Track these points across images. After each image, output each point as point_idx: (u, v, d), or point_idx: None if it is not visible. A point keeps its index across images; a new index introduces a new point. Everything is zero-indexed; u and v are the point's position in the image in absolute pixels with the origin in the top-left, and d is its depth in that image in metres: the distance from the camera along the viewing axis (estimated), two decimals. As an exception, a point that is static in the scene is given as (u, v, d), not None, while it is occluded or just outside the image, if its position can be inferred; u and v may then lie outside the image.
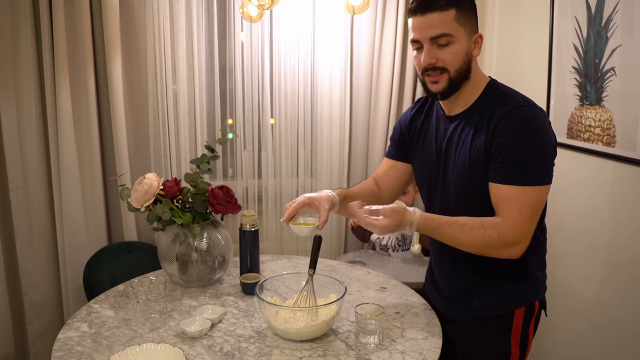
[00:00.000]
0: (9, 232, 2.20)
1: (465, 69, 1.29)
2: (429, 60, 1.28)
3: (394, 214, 1.27)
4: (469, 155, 1.30)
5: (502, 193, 1.25)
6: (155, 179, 1.59)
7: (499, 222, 1.25)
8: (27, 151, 2.16)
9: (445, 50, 1.27)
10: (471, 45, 1.29)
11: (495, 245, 1.25)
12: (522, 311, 1.37)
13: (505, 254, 1.27)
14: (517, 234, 1.25)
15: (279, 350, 1.30)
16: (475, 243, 1.26)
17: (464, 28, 1.26)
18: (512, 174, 1.24)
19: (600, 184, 1.76)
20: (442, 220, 1.29)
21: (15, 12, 2.06)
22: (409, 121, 1.52)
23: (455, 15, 1.24)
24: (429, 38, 1.27)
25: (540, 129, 1.24)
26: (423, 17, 1.26)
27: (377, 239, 2.42)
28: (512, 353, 1.38)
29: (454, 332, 1.44)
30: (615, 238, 1.70)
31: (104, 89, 2.23)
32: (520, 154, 1.23)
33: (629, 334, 1.65)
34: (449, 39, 1.25)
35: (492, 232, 1.25)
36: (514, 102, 1.27)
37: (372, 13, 2.39)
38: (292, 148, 2.50)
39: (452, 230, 1.28)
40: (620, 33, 1.62)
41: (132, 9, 2.21)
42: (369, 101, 2.50)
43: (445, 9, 1.24)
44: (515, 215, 1.24)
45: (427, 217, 1.30)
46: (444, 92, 1.32)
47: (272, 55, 2.40)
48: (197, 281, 1.67)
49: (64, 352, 1.29)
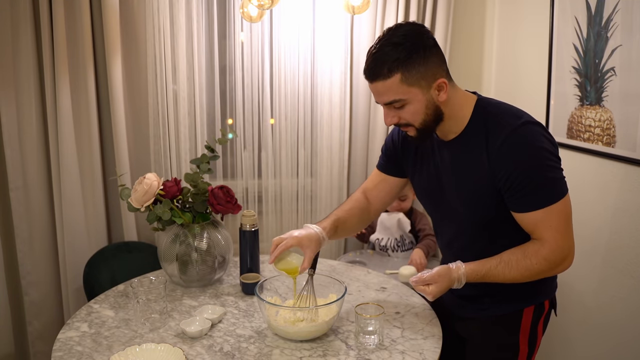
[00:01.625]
0: (9, 232, 2.20)
1: (431, 119, 1.27)
2: (390, 121, 1.29)
3: (441, 278, 1.29)
4: (474, 183, 1.30)
5: (532, 219, 1.26)
6: (155, 179, 1.59)
7: (540, 247, 1.26)
8: (27, 151, 2.15)
9: (403, 111, 1.26)
10: (432, 96, 1.25)
11: (546, 269, 1.27)
12: (532, 310, 1.37)
13: (558, 272, 1.30)
14: (562, 251, 1.26)
15: (279, 350, 1.30)
16: (527, 275, 1.27)
17: (417, 85, 1.22)
18: (533, 200, 1.23)
19: (600, 184, 1.76)
20: (487, 265, 1.29)
21: (15, 12, 2.05)
22: (401, 140, 1.50)
23: (401, 79, 1.21)
24: (383, 103, 1.27)
25: (540, 146, 1.23)
26: (372, 84, 1.26)
27: (376, 240, 2.42)
28: (520, 350, 1.38)
29: (464, 330, 1.45)
30: (615, 238, 1.70)
31: (104, 89, 2.23)
32: (533, 179, 1.22)
33: (630, 334, 1.65)
34: (402, 102, 1.24)
35: (538, 259, 1.26)
36: (507, 125, 1.24)
37: (372, 13, 2.38)
38: (292, 148, 2.49)
39: (500, 271, 1.29)
40: (620, 33, 1.62)
41: (132, 9, 2.21)
42: (369, 101, 2.50)
43: (388, 76, 1.21)
44: (552, 234, 1.24)
45: (473, 268, 1.30)
46: (418, 139, 1.33)
47: (272, 55, 2.40)
48: (197, 281, 1.67)
49: (64, 352, 1.29)
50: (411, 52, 1.20)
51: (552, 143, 1.26)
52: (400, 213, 2.38)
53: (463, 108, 1.31)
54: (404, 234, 2.38)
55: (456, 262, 1.30)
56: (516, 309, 1.38)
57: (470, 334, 1.45)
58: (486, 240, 1.35)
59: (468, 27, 2.50)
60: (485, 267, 1.29)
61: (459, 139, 1.32)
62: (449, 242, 1.46)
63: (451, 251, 1.44)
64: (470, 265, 1.29)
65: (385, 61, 1.21)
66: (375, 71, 1.23)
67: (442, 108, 1.28)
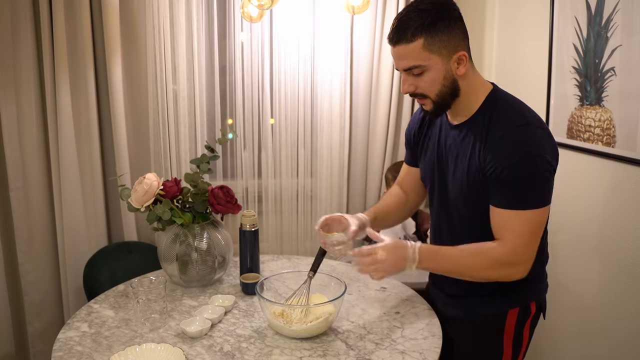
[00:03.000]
0: (9, 232, 2.20)
1: (447, 91, 1.27)
2: (407, 88, 1.29)
3: (392, 247, 1.30)
4: (467, 170, 1.30)
5: (500, 216, 1.26)
6: (155, 179, 1.59)
7: (495, 247, 1.26)
8: (27, 151, 2.15)
9: (421, 79, 1.26)
10: (451, 67, 1.25)
11: (496, 268, 1.27)
12: (516, 312, 1.37)
13: (505, 276, 1.28)
14: (516, 256, 1.25)
15: (279, 350, 1.30)
16: (478, 268, 1.28)
17: (438, 54, 1.23)
18: (508, 198, 1.23)
19: (600, 184, 1.76)
20: (444, 247, 1.32)
21: (15, 12, 2.05)
22: (418, 125, 1.51)
23: (424, 44, 1.21)
24: (402, 69, 1.28)
25: (538, 152, 1.22)
26: (394, 48, 1.26)
27: None
28: (504, 353, 1.38)
29: (451, 330, 1.45)
30: (615, 238, 1.70)
31: (104, 88, 2.23)
32: (516, 179, 1.21)
33: (630, 335, 1.65)
34: (421, 69, 1.24)
35: (488, 257, 1.26)
36: (512, 121, 1.24)
37: (372, 13, 2.39)
38: (292, 148, 2.49)
39: (452, 254, 1.30)
40: (620, 33, 1.62)
41: (132, 9, 2.21)
42: (369, 101, 2.50)
43: (412, 40, 1.21)
44: (513, 237, 1.24)
45: (427, 245, 1.33)
46: (434, 113, 1.33)
47: (272, 55, 2.40)
48: (197, 281, 1.67)
49: (64, 352, 1.29)
50: (436, 20, 1.21)
51: (552, 152, 1.25)
52: None
53: (478, 91, 1.31)
54: (408, 236, 2.37)
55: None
56: (500, 311, 1.37)
57: (456, 334, 1.45)
58: (477, 231, 1.33)
59: (468, 27, 2.49)
60: (440, 247, 1.32)
61: (464, 125, 1.33)
62: (440, 229, 1.46)
63: (442, 240, 1.45)
64: (425, 245, 1.32)
65: (410, 25, 1.21)
66: (399, 34, 1.23)
67: (459, 82, 1.28)
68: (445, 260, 1.31)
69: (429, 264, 1.32)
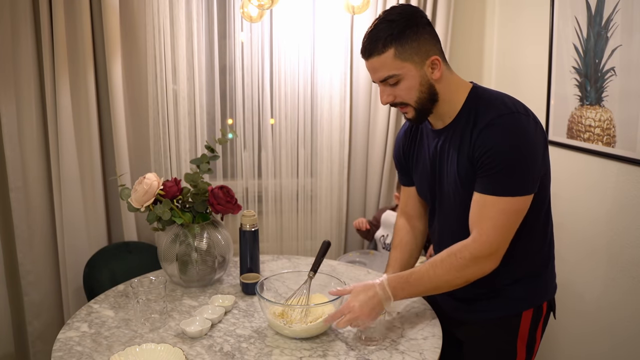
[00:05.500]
0: (9, 232, 2.20)
1: (426, 97, 1.28)
2: (386, 99, 1.31)
3: (356, 291, 1.30)
4: (458, 171, 1.30)
5: (478, 202, 1.25)
6: (155, 179, 1.59)
7: (468, 241, 1.25)
8: (27, 151, 2.15)
9: (398, 88, 1.28)
10: (426, 73, 1.26)
11: (470, 264, 1.25)
12: (530, 313, 1.36)
13: (481, 270, 1.26)
14: (490, 246, 1.24)
15: (279, 350, 1.30)
16: (452, 272, 1.26)
17: (411, 61, 1.24)
18: (489, 183, 1.23)
19: (600, 184, 1.76)
20: (412, 270, 1.31)
21: (15, 12, 2.05)
22: (402, 140, 1.53)
23: (395, 54, 1.23)
24: (378, 80, 1.29)
25: (523, 138, 1.21)
26: (368, 62, 1.29)
27: (381, 237, 2.40)
28: (518, 356, 1.37)
29: (461, 333, 1.44)
30: (616, 238, 1.70)
31: (104, 88, 2.23)
32: (500, 164, 1.21)
33: (633, 335, 1.65)
34: (396, 78, 1.26)
35: (464, 254, 1.25)
36: (496, 111, 1.24)
37: (372, 13, 2.38)
38: (292, 148, 2.49)
39: (424, 271, 1.28)
40: (620, 33, 1.62)
41: (132, 9, 2.21)
42: (369, 101, 2.50)
43: (383, 51, 1.24)
44: (487, 226, 1.23)
45: (395, 274, 1.32)
46: (416, 119, 1.34)
47: (272, 55, 2.40)
48: (197, 281, 1.67)
49: (64, 352, 1.29)
50: (405, 28, 1.23)
51: (537, 137, 1.24)
52: None
53: (458, 92, 1.31)
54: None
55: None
56: (514, 312, 1.36)
57: (467, 338, 1.43)
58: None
59: (468, 28, 2.51)
60: (410, 271, 1.31)
61: (448, 128, 1.33)
62: (443, 236, 1.44)
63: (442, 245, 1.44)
64: (393, 275, 1.31)
65: (380, 37, 1.24)
66: (370, 47, 1.26)
67: (436, 87, 1.28)
68: (419, 282, 1.29)
69: (404, 293, 1.30)
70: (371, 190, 2.57)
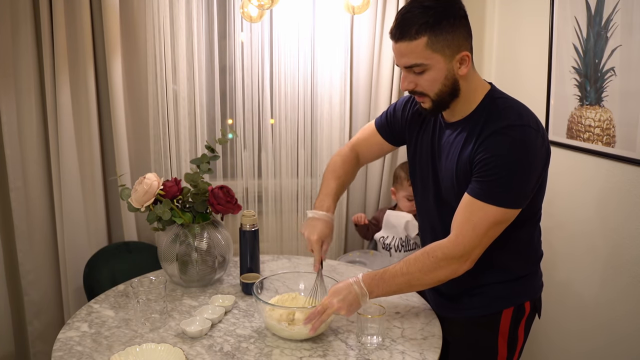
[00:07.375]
0: (9, 232, 2.20)
1: (447, 91, 1.25)
2: (407, 85, 1.28)
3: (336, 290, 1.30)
4: (456, 166, 1.29)
5: (463, 203, 1.24)
6: (155, 179, 1.59)
7: (444, 241, 1.25)
8: (27, 151, 2.15)
9: (422, 77, 1.24)
10: (453, 67, 1.23)
11: (442, 264, 1.24)
12: (510, 312, 1.36)
13: (449, 272, 1.25)
14: (464, 247, 1.22)
15: (279, 350, 1.30)
16: (424, 271, 1.26)
17: (441, 53, 1.21)
18: (482, 189, 1.21)
19: (600, 184, 1.76)
20: (387, 267, 1.31)
21: (15, 12, 2.05)
22: (411, 113, 1.49)
23: (427, 43, 1.19)
24: (403, 66, 1.25)
25: (527, 153, 1.20)
26: (396, 44, 1.24)
27: (380, 238, 2.40)
28: (499, 353, 1.37)
29: (445, 330, 1.44)
30: (615, 238, 1.70)
31: (104, 88, 2.23)
32: (498, 172, 1.19)
33: (630, 334, 1.65)
34: (423, 68, 1.22)
35: (436, 253, 1.24)
36: (507, 120, 1.22)
37: (372, 13, 2.39)
38: (292, 148, 2.49)
39: (398, 268, 1.28)
40: (620, 33, 1.62)
41: (132, 9, 2.21)
42: (369, 101, 2.50)
43: (415, 38, 1.19)
44: (467, 229, 1.22)
45: (370, 272, 1.32)
46: (432, 112, 1.32)
47: (272, 55, 2.40)
48: (197, 281, 1.67)
49: (64, 352, 1.29)
50: (441, 18, 1.19)
51: (541, 155, 1.23)
52: (410, 215, 2.33)
53: (477, 92, 1.29)
54: (409, 237, 2.37)
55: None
56: (494, 310, 1.36)
57: (451, 335, 1.44)
58: None
59: (468, 27, 2.50)
60: (384, 268, 1.31)
61: (459, 124, 1.31)
62: (434, 228, 1.44)
63: (425, 241, 1.44)
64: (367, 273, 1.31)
65: (414, 22, 1.19)
66: (402, 31, 1.20)
67: (460, 83, 1.26)
68: (393, 280, 1.29)
69: (379, 290, 1.30)
70: (371, 190, 2.57)
